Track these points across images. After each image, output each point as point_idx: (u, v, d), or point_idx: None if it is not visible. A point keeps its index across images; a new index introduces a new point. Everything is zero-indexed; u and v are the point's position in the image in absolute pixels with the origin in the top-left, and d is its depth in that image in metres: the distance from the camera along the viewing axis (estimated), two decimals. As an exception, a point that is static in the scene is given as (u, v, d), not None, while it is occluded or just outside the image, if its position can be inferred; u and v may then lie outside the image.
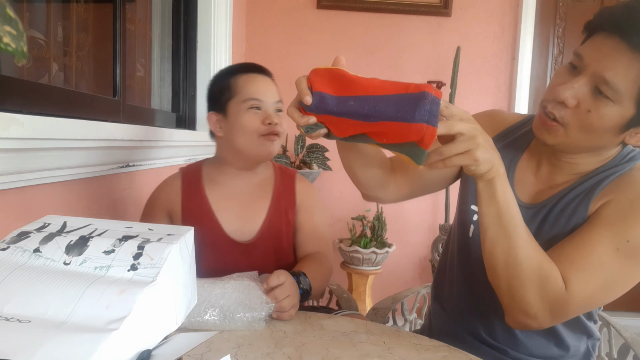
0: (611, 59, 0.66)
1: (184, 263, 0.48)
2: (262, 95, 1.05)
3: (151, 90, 1.63)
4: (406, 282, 2.54)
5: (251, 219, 1.07)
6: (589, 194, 0.75)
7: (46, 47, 1.02)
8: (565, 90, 0.69)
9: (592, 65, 0.68)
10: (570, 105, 0.70)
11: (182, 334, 0.46)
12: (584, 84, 0.69)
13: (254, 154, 1.07)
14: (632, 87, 0.65)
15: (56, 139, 0.81)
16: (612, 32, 0.66)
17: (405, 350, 0.68)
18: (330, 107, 0.64)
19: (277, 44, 2.40)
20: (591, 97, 0.68)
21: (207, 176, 1.10)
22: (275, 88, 1.09)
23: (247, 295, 0.79)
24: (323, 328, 0.76)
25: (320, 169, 2.20)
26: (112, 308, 0.39)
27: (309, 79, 0.65)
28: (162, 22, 1.71)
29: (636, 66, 0.64)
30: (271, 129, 1.04)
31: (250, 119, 1.04)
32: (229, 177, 1.10)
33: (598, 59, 0.67)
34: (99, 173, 1.06)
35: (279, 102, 1.08)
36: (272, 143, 1.05)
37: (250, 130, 1.04)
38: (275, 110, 1.07)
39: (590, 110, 0.68)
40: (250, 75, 1.07)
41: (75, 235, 0.48)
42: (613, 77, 0.65)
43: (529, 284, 0.69)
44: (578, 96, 0.69)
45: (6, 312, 0.40)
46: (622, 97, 0.66)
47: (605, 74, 0.66)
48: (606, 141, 0.73)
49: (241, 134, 1.04)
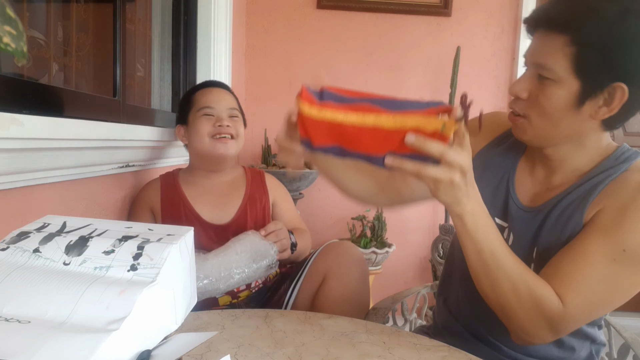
0: (542, 45, 0.73)
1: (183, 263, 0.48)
2: (214, 103, 1.20)
3: (151, 90, 1.63)
4: (406, 282, 2.54)
5: (227, 206, 1.22)
6: (584, 200, 0.74)
7: (46, 47, 1.02)
8: (516, 85, 0.76)
9: (531, 58, 0.75)
10: (523, 97, 0.75)
11: (182, 334, 0.46)
12: (529, 76, 0.75)
13: (209, 155, 1.19)
14: (564, 61, 0.70)
15: (56, 139, 0.81)
16: (538, 26, 0.74)
17: (405, 350, 0.68)
18: (339, 99, 0.65)
19: (277, 44, 2.40)
20: (537, 84, 0.74)
21: (182, 178, 1.25)
22: (230, 97, 1.25)
23: (256, 245, 0.96)
24: (323, 328, 0.76)
25: (320, 169, 2.19)
26: (112, 308, 0.39)
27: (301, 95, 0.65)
28: (162, 22, 1.71)
29: (561, 41, 0.69)
30: (220, 130, 1.17)
31: (202, 124, 1.18)
32: (202, 178, 1.24)
33: (533, 51, 0.75)
34: (99, 173, 1.06)
35: (232, 109, 1.22)
36: (224, 145, 1.17)
37: (203, 133, 1.17)
38: (229, 116, 1.21)
39: (539, 95, 0.73)
40: (205, 89, 1.24)
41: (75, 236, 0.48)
42: (546, 59, 0.71)
43: (521, 310, 0.70)
44: (527, 87, 0.75)
45: (6, 312, 0.40)
46: (560, 74, 0.70)
47: (540, 60, 0.72)
48: (572, 123, 0.73)
49: (196, 138, 1.18)
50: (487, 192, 0.81)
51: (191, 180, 1.24)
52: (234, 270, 0.91)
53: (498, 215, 0.85)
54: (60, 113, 0.92)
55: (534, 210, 0.80)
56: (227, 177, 1.26)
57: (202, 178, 1.24)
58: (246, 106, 2.39)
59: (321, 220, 2.47)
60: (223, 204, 1.22)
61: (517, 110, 0.77)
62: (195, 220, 1.16)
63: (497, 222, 0.84)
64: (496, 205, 0.85)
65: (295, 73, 2.41)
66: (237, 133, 1.20)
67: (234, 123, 1.20)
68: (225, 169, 1.24)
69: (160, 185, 1.23)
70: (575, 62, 0.69)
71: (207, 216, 1.19)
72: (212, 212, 1.20)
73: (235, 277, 0.91)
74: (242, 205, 1.22)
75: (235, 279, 0.91)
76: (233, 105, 1.23)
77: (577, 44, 0.68)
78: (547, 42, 0.71)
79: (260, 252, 0.96)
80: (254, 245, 0.97)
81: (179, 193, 1.21)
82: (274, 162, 2.11)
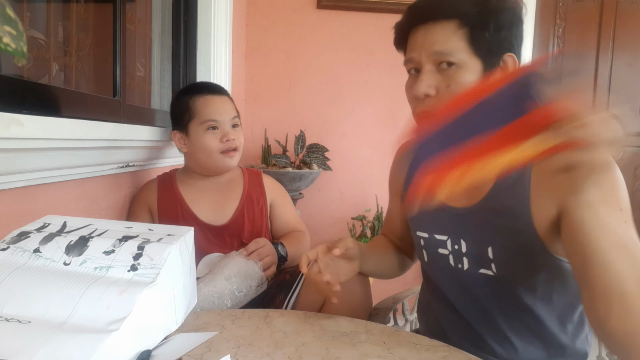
0: (436, 35, 0.73)
1: (183, 263, 0.48)
2: (218, 115, 1.18)
3: (151, 90, 1.63)
4: (406, 282, 2.53)
5: (224, 207, 1.21)
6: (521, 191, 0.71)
7: (46, 47, 1.02)
8: (420, 86, 0.74)
9: (422, 54, 0.74)
10: (432, 93, 0.74)
11: (182, 334, 0.46)
12: (428, 71, 0.74)
13: (215, 168, 1.21)
14: (462, 42, 0.71)
15: (56, 139, 0.81)
16: (421, 22, 0.75)
17: (405, 350, 0.68)
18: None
19: (277, 44, 2.40)
20: (441, 75, 0.73)
21: (179, 179, 1.24)
22: (230, 104, 1.23)
23: (243, 267, 0.96)
24: (323, 328, 0.76)
25: (320, 169, 2.20)
26: (112, 308, 0.39)
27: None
28: (162, 22, 1.71)
29: (452, 26, 0.71)
30: (228, 146, 1.18)
31: (209, 139, 1.17)
32: (199, 179, 1.24)
33: (422, 46, 0.74)
34: (99, 173, 1.06)
35: (234, 117, 1.22)
36: (231, 158, 1.20)
37: (211, 149, 1.17)
38: (232, 125, 1.21)
39: (450, 85, 0.72)
40: (206, 98, 1.20)
41: (75, 236, 0.48)
42: (445, 45, 0.72)
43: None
44: (431, 83, 0.73)
45: (6, 312, 0.40)
46: (462, 56, 0.71)
47: (440, 48, 0.72)
48: None
49: (203, 152, 1.18)
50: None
51: (188, 181, 1.23)
52: (226, 299, 0.92)
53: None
54: (60, 113, 0.92)
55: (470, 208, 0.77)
56: (224, 178, 1.25)
57: (200, 179, 1.24)
58: (246, 106, 2.39)
59: (321, 220, 2.47)
60: (220, 205, 1.21)
61: (428, 108, 0.74)
62: (192, 221, 1.16)
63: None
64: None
65: (295, 73, 2.41)
66: (239, 145, 1.21)
67: (237, 134, 1.21)
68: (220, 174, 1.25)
69: (157, 185, 1.23)
70: (470, 42, 0.72)
71: (204, 217, 1.19)
72: (209, 213, 1.20)
73: (228, 305, 0.92)
74: (239, 206, 1.21)
75: (228, 306, 0.92)
76: (234, 113, 1.23)
77: (466, 25, 0.71)
78: (438, 31, 0.73)
79: (248, 274, 0.96)
80: (241, 267, 0.96)
81: (176, 194, 1.21)
82: (273, 162, 2.11)
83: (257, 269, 0.98)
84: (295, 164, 2.22)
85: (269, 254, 1.08)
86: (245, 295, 0.94)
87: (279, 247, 1.14)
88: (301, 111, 2.40)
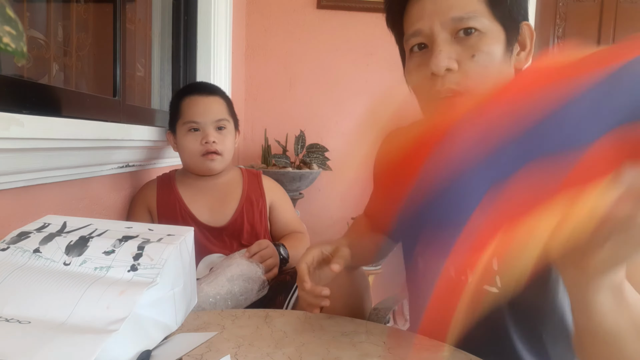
0: (443, 0, 0.61)
1: (184, 264, 0.48)
2: (199, 117, 1.15)
3: (151, 90, 1.63)
4: (406, 282, 2.54)
5: (223, 208, 1.21)
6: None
7: (46, 47, 1.02)
8: (438, 60, 0.60)
9: (434, 22, 0.61)
10: (455, 67, 0.60)
11: (182, 334, 0.46)
12: (445, 41, 0.61)
13: (198, 170, 1.19)
14: (479, 4, 0.61)
15: (56, 139, 0.81)
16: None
17: (405, 350, 0.68)
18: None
19: (277, 44, 2.40)
20: (462, 45, 0.61)
21: (179, 180, 1.24)
22: (218, 105, 1.19)
23: (246, 269, 0.95)
24: (323, 328, 0.76)
25: (320, 169, 2.20)
26: (112, 309, 0.39)
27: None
28: (162, 22, 1.71)
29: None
30: (207, 148, 1.15)
31: (189, 141, 1.16)
32: (197, 180, 1.23)
33: (433, 13, 0.61)
34: (99, 173, 1.06)
35: (220, 120, 1.17)
36: (211, 162, 1.16)
37: (190, 150, 1.16)
38: (216, 128, 1.17)
39: (474, 54, 0.60)
40: (191, 98, 1.18)
41: (75, 236, 0.48)
42: (460, 10, 0.60)
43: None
44: (451, 54, 0.61)
45: (6, 313, 0.40)
46: (483, 21, 0.60)
47: (452, 15, 0.60)
48: (505, 78, 0.64)
49: (185, 154, 1.18)
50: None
51: (187, 182, 1.23)
52: (227, 300, 0.91)
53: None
54: (60, 113, 0.92)
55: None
56: (223, 179, 1.25)
57: (198, 180, 1.23)
58: (246, 106, 2.39)
59: (321, 220, 2.47)
60: (219, 206, 1.21)
61: (454, 87, 0.61)
62: (191, 222, 1.16)
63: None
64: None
65: (295, 73, 2.41)
66: (223, 149, 1.17)
67: (221, 137, 1.17)
68: (221, 171, 1.25)
69: (156, 186, 1.23)
70: (490, 5, 0.61)
71: (204, 218, 1.18)
72: (209, 214, 1.19)
73: (229, 305, 0.91)
74: (238, 207, 1.21)
75: (229, 307, 0.91)
76: (220, 114, 1.18)
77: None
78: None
79: (250, 277, 0.95)
80: (244, 270, 0.95)
81: (175, 194, 1.20)
82: (273, 162, 2.11)
83: (260, 273, 0.97)
84: (295, 164, 2.22)
85: (271, 255, 1.07)
86: (246, 299, 0.93)
87: (280, 249, 1.13)
88: (301, 111, 2.40)
